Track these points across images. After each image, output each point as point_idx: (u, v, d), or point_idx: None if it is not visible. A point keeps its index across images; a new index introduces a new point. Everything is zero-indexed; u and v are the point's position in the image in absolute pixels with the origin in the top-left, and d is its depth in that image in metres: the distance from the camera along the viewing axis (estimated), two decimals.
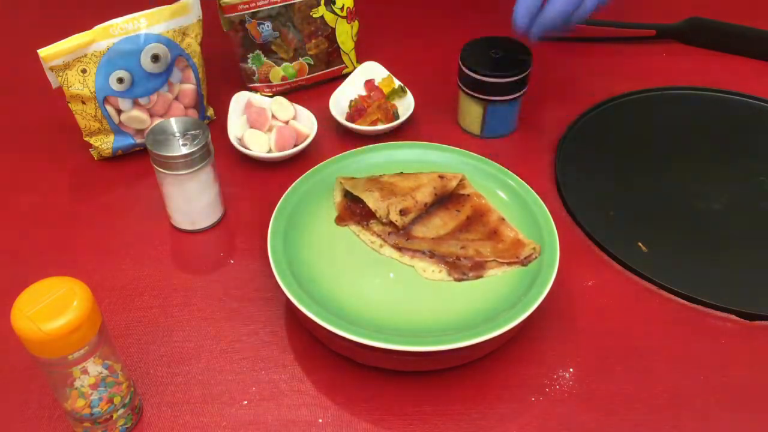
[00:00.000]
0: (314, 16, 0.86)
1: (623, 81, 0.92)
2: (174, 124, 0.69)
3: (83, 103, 0.76)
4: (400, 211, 0.66)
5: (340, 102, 0.86)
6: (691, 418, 0.58)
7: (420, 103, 0.86)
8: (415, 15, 1.07)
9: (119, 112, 0.78)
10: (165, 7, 0.76)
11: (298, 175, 0.70)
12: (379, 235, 0.67)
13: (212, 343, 0.63)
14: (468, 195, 0.70)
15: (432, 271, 0.64)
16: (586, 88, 0.91)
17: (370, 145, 0.75)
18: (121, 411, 0.55)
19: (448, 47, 0.93)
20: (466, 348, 0.56)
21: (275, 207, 0.67)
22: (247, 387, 0.60)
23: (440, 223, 0.68)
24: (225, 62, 0.92)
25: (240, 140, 0.81)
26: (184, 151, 0.66)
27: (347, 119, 0.84)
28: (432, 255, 0.65)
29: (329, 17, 0.87)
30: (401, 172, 0.72)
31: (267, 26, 0.84)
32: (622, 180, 0.79)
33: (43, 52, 0.72)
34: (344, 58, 0.91)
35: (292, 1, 0.83)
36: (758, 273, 0.69)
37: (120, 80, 0.75)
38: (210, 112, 0.86)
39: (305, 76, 0.90)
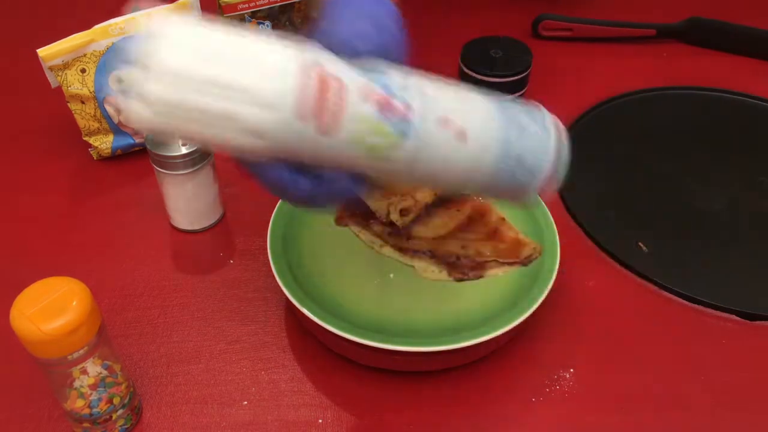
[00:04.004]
0: (314, 15, 0.86)
1: (623, 81, 0.92)
2: None
3: (82, 102, 0.75)
4: (401, 211, 0.66)
5: None
6: (691, 418, 0.58)
7: None
8: (415, 15, 1.06)
9: (119, 111, 0.78)
10: (165, 6, 0.76)
11: None
12: (379, 235, 0.67)
13: (212, 343, 0.63)
14: (468, 194, 0.70)
15: (432, 271, 0.64)
16: (586, 88, 0.91)
17: None
18: (120, 411, 0.55)
19: (448, 47, 0.93)
20: (466, 348, 0.56)
21: (275, 207, 0.67)
22: (247, 387, 0.60)
23: (440, 223, 0.68)
24: None
25: None
26: (184, 151, 0.66)
27: None
28: (432, 255, 0.65)
29: None
30: None
31: (267, 26, 0.84)
32: (622, 180, 0.79)
33: (43, 51, 0.72)
34: None
35: (292, 1, 0.83)
36: (758, 273, 0.69)
37: (120, 80, 0.75)
38: None
39: None
